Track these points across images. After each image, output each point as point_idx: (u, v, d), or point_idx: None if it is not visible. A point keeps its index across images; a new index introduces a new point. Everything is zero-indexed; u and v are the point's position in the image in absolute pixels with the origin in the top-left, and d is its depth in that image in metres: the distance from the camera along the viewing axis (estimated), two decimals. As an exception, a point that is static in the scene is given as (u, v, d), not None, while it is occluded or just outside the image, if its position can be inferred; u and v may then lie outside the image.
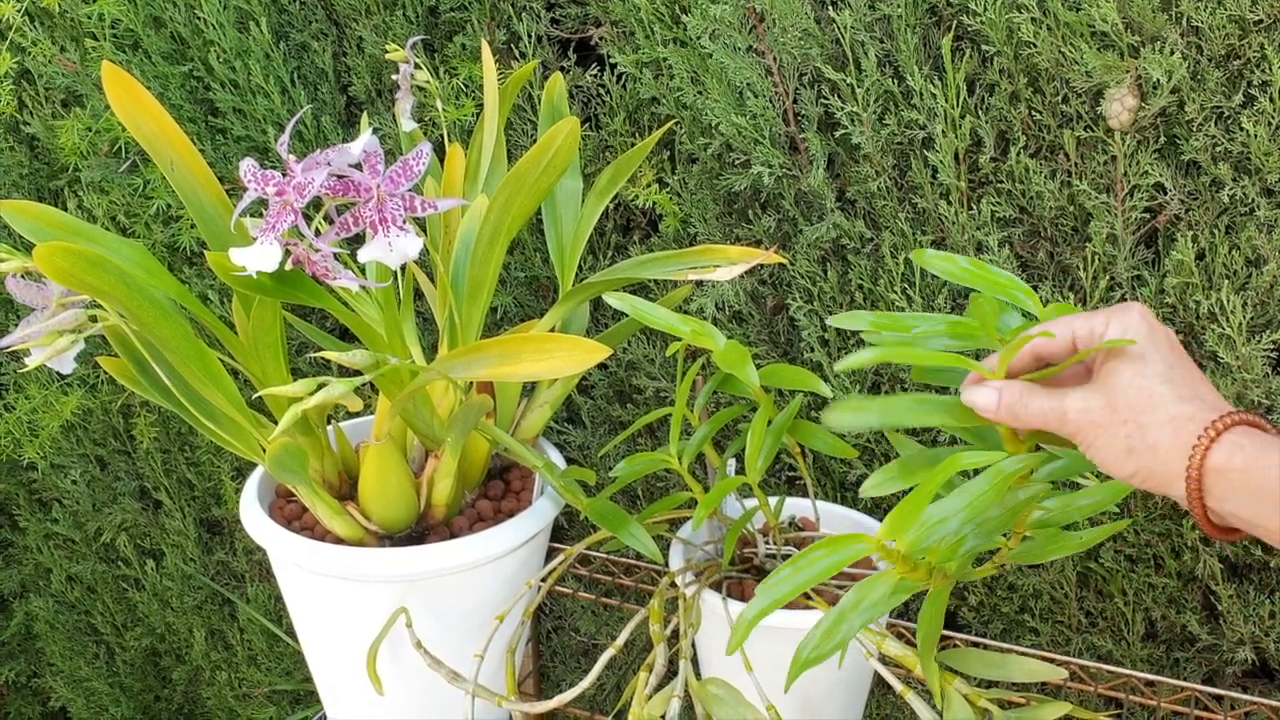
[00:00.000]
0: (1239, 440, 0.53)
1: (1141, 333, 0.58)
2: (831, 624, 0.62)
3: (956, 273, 0.68)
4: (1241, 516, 0.54)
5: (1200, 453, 0.54)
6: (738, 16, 0.98)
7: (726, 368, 0.76)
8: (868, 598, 0.62)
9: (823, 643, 0.62)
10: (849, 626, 0.62)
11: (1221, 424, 0.54)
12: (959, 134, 0.94)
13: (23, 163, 1.40)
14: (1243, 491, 0.53)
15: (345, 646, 0.85)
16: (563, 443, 1.22)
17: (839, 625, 0.62)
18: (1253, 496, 0.53)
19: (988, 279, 0.67)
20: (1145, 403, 0.56)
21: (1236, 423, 0.54)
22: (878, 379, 1.04)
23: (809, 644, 0.62)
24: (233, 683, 1.62)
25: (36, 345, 0.73)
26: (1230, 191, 0.86)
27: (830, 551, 0.61)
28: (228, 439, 0.82)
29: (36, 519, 1.65)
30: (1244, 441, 0.53)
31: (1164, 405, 0.55)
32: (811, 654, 0.62)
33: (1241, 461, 0.53)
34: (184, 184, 0.80)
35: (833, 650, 0.62)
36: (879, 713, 1.17)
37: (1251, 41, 0.83)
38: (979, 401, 0.61)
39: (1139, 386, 0.56)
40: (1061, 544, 0.70)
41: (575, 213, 0.93)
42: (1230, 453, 0.53)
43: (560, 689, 1.19)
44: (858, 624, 0.62)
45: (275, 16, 1.20)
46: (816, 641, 0.62)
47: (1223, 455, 0.53)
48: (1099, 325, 0.59)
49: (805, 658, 0.62)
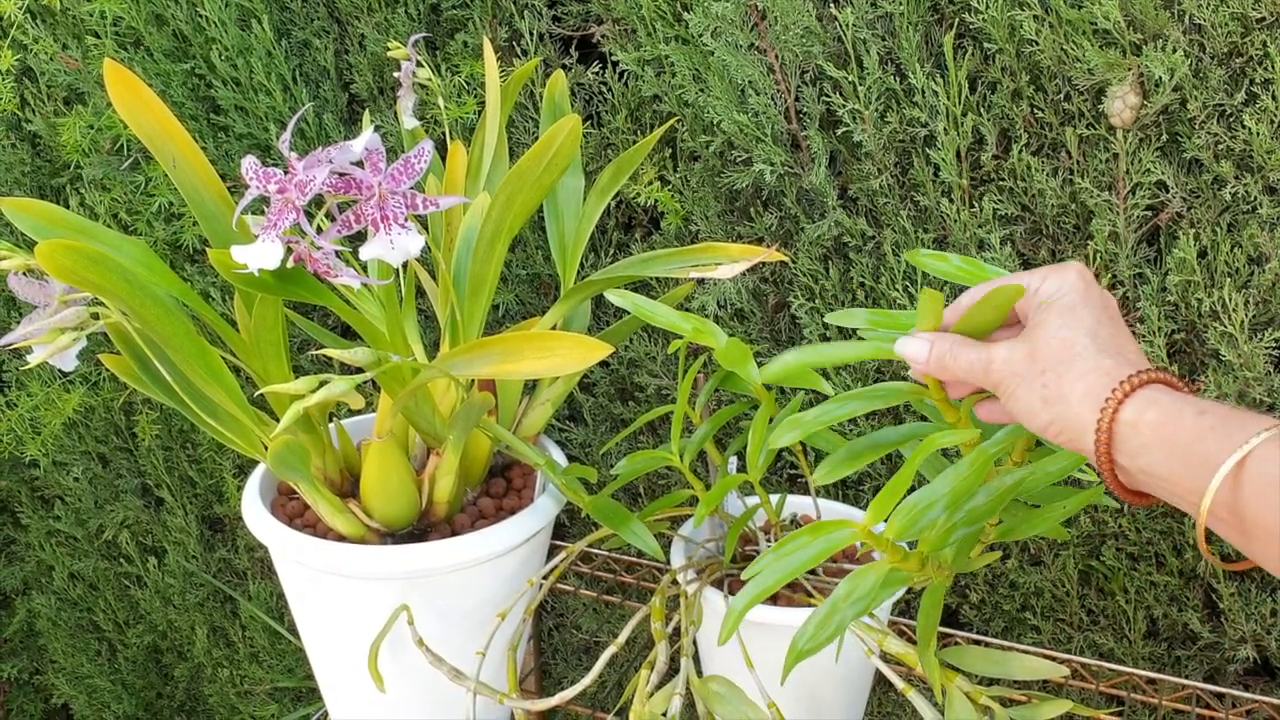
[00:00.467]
0: (1154, 395, 0.53)
1: (1077, 289, 0.58)
2: (825, 615, 0.62)
3: (951, 271, 0.68)
4: (1152, 474, 0.52)
5: (1113, 405, 0.53)
6: (739, 14, 0.98)
7: (728, 365, 0.76)
8: (859, 588, 0.63)
9: (817, 634, 0.62)
10: (842, 618, 0.62)
11: (1138, 379, 0.53)
12: (961, 132, 0.93)
13: (25, 160, 1.40)
14: (1154, 446, 0.52)
15: (347, 644, 0.85)
16: (564, 440, 1.22)
17: (832, 616, 0.62)
18: (1163, 451, 0.52)
19: (983, 277, 0.67)
20: (1065, 353, 0.56)
21: (1152, 380, 0.53)
22: (879, 377, 1.04)
23: (804, 635, 0.63)
24: (234, 680, 1.62)
25: (38, 342, 0.73)
26: (1232, 189, 0.86)
27: (813, 538, 0.61)
28: (230, 436, 0.82)
29: (39, 516, 1.65)
30: (1159, 397, 0.53)
31: (1084, 357, 0.55)
32: (806, 645, 0.62)
33: (1154, 416, 0.52)
34: (186, 181, 0.79)
35: (827, 641, 0.62)
36: (881, 710, 1.17)
37: (1254, 39, 0.83)
38: (909, 352, 0.62)
39: (1062, 338, 0.56)
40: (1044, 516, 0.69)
41: (577, 210, 0.93)
42: (1143, 407, 0.52)
43: (562, 686, 1.19)
44: (850, 615, 0.62)
45: (277, 14, 1.20)
46: (811, 633, 0.62)
47: (1135, 410, 0.53)
48: (1036, 281, 0.60)
49: (800, 649, 0.63)
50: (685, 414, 0.83)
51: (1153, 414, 0.52)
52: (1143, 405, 0.53)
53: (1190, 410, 0.52)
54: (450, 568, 0.82)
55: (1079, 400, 0.54)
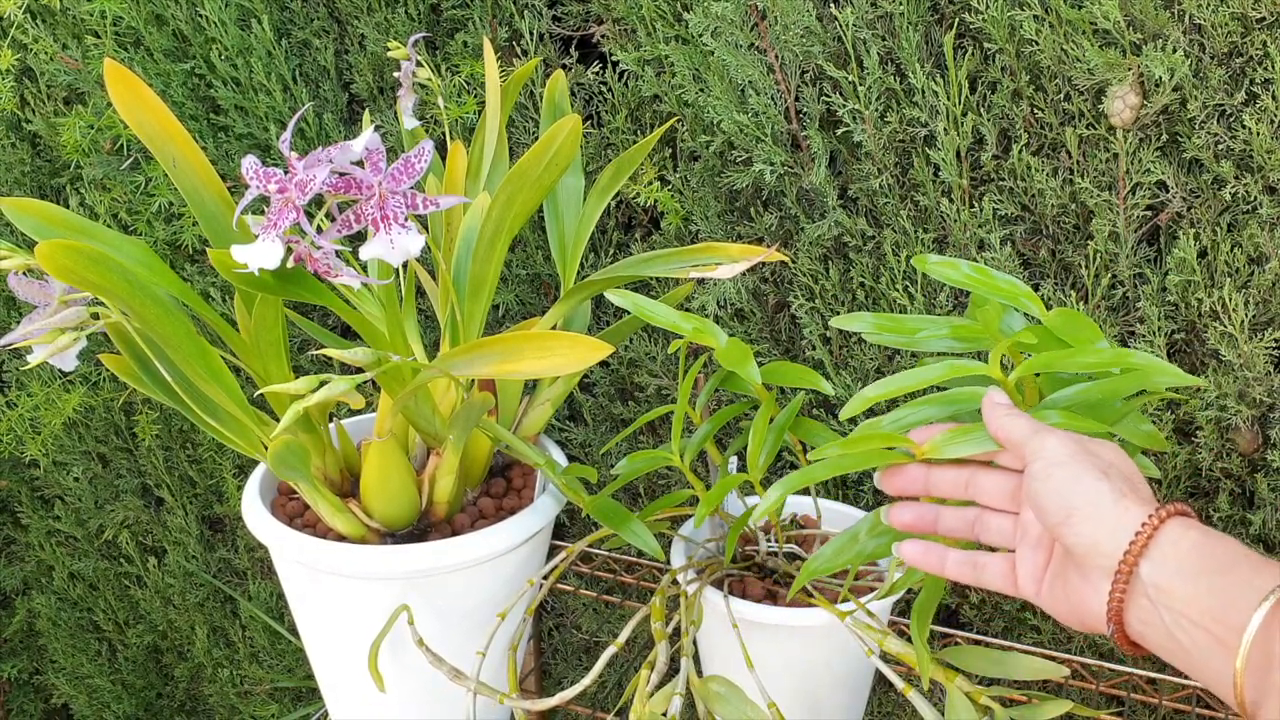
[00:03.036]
0: (1192, 523, 0.53)
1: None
2: (846, 541, 0.62)
3: (959, 278, 0.68)
4: (1171, 595, 0.51)
5: (1160, 518, 0.53)
6: (739, 14, 0.98)
7: (728, 365, 0.76)
8: (880, 524, 0.63)
9: (834, 557, 0.62)
10: (861, 547, 0.62)
11: (1176, 508, 0.53)
12: (961, 132, 0.93)
13: (25, 160, 1.40)
14: (1189, 564, 0.51)
15: (347, 644, 0.85)
16: (564, 440, 1.22)
17: (852, 544, 0.62)
18: (1201, 566, 0.51)
19: (991, 284, 0.67)
20: (1106, 469, 0.56)
21: (1185, 513, 0.54)
22: (880, 378, 1.04)
23: (820, 558, 0.63)
24: (234, 680, 1.62)
25: (38, 342, 0.73)
26: (1232, 189, 0.86)
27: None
28: (230, 436, 0.82)
29: (39, 516, 1.65)
30: (1197, 524, 0.53)
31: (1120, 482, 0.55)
32: (822, 565, 0.63)
33: (1197, 536, 0.52)
34: (186, 181, 0.79)
35: (841, 565, 0.62)
36: (881, 710, 1.17)
37: (1254, 39, 0.83)
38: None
39: (1105, 456, 0.57)
40: None
41: (577, 210, 0.93)
42: (1183, 529, 0.52)
43: (562, 686, 1.19)
44: (869, 547, 0.62)
45: (277, 14, 1.20)
46: (828, 556, 0.63)
47: (1178, 528, 0.52)
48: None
49: (814, 568, 0.63)
50: (685, 414, 0.83)
51: (1195, 534, 0.52)
52: (1185, 527, 0.52)
53: (1234, 540, 0.52)
54: (450, 568, 0.82)
55: (1131, 502, 0.53)
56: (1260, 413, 0.90)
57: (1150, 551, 0.52)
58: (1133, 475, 0.56)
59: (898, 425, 0.64)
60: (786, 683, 0.84)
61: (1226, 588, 0.49)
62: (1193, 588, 0.50)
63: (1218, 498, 0.93)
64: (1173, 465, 0.94)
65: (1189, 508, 0.54)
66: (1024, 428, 0.58)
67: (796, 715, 0.85)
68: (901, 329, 0.67)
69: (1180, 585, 0.51)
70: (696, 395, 0.88)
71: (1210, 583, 0.50)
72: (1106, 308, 0.93)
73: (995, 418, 0.59)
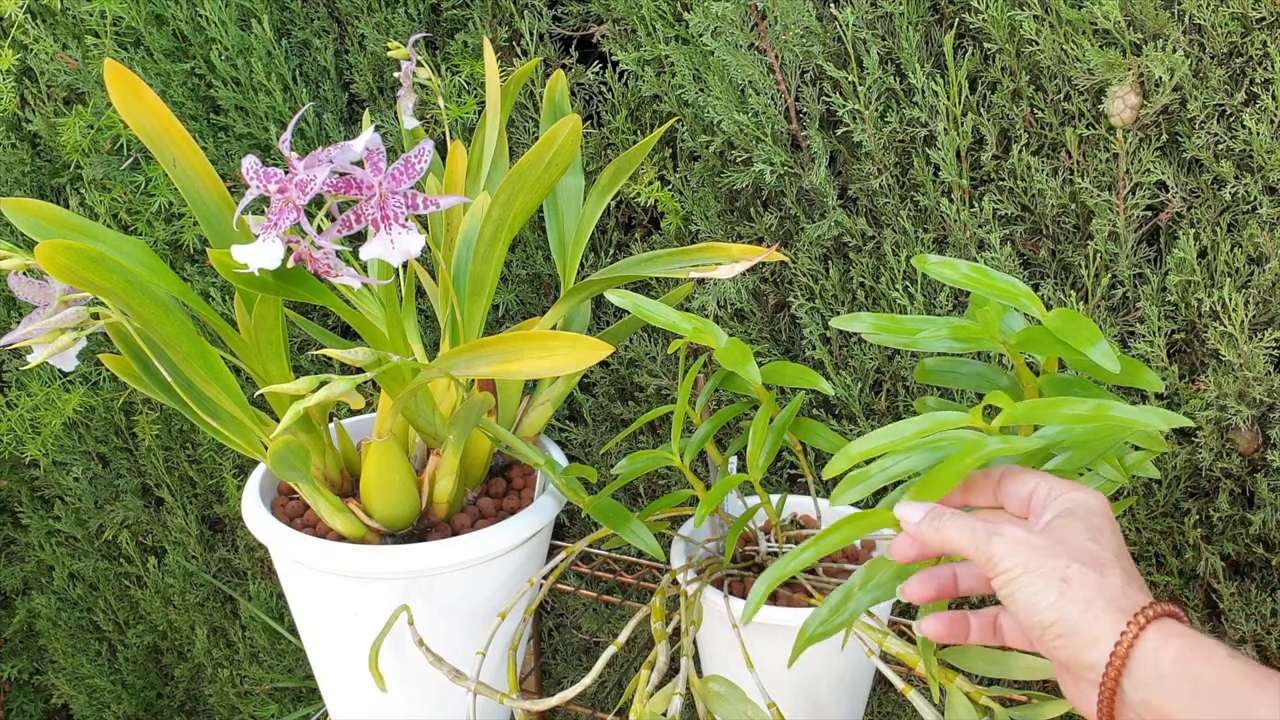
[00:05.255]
0: (1177, 627, 0.50)
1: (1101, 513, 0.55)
2: (839, 601, 0.62)
3: (959, 279, 0.68)
4: (1160, 711, 0.49)
5: (1139, 626, 0.50)
6: (739, 14, 0.98)
7: (728, 365, 0.76)
8: (875, 576, 0.62)
9: (830, 619, 0.62)
10: (856, 604, 0.61)
11: (1161, 608, 0.50)
12: (961, 132, 0.93)
13: (25, 160, 1.40)
14: (1175, 678, 0.49)
15: (347, 644, 0.85)
16: (564, 440, 1.22)
17: (846, 603, 0.62)
18: (1186, 685, 0.48)
19: (990, 285, 0.67)
20: (1094, 562, 0.52)
21: (1171, 613, 0.51)
22: (879, 377, 1.04)
23: (815, 620, 0.62)
24: (235, 680, 1.62)
25: (39, 342, 0.73)
26: (1232, 189, 0.86)
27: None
28: (230, 436, 0.82)
29: (39, 516, 1.65)
30: (1182, 629, 0.50)
31: (1111, 574, 0.52)
32: (817, 630, 0.62)
33: (1180, 645, 0.49)
34: (186, 181, 0.80)
35: (838, 628, 0.62)
36: (881, 710, 1.17)
37: (1254, 39, 0.83)
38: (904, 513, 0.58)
39: (1090, 549, 0.53)
40: None
41: (577, 210, 0.93)
42: (1166, 636, 0.50)
43: (562, 686, 1.19)
44: (865, 602, 0.61)
45: (277, 14, 1.20)
46: (824, 618, 0.62)
47: (1158, 636, 0.50)
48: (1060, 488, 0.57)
49: (810, 634, 0.62)
50: (685, 414, 0.83)
51: (1178, 643, 0.49)
52: (1166, 634, 0.49)
53: (1222, 650, 0.49)
54: (450, 568, 0.83)
55: (1100, 609, 0.50)
56: (1260, 413, 0.90)
57: (1130, 668, 0.50)
58: (1100, 556, 0.53)
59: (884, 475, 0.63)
60: (786, 683, 0.84)
61: (1215, 711, 0.47)
62: (1188, 715, 0.48)
63: (1218, 498, 0.93)
64: (1173, 465, 0.94)
65: (1171, 607, 0.51)
66: (962, 536, 0.55)
67: (796, 715, 0.85)
68: (901, 329, 0.67)
69: (1173, 707, 0.49)
70: (696, 395, 0.88)
71: (1206, 713, 0.48)
72: (1106, 308, 0.93)
73: (926, 533, 0.57)
